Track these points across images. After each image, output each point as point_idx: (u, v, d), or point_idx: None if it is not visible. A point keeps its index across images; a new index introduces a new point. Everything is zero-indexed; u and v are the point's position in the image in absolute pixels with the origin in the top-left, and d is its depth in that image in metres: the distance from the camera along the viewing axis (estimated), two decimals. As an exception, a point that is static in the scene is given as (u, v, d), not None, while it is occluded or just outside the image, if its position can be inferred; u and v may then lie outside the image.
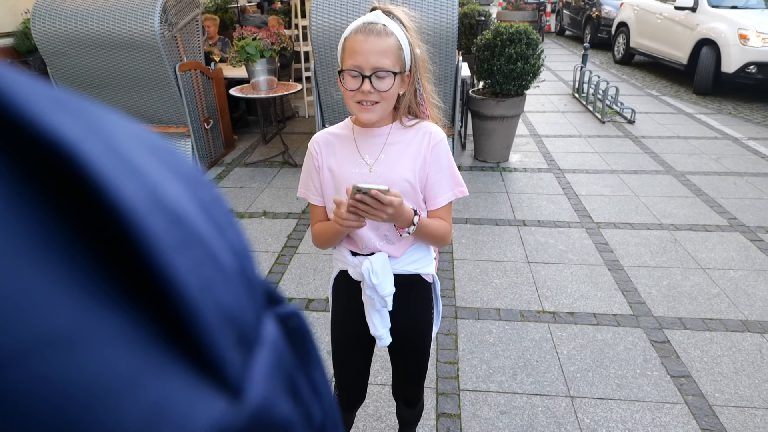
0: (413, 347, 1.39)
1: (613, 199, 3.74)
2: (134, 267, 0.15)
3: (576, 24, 12.27)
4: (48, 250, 0.13)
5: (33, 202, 0.13)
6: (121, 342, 0.14)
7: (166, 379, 0.15)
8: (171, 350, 0.15)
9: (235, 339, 0.18)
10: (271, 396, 0.19)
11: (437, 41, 3.41)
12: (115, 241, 0.14)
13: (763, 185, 3.93)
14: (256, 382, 0.18)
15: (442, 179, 1.23)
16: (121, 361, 0.14)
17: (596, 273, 2.82)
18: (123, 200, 0.14)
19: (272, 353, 0.20)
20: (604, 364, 2.16)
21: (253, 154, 4.83)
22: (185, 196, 0.18)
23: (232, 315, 0.18)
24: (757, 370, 2.12)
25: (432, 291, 1.37)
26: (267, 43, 4.10)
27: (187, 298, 0.15)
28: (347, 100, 1.15)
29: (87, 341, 0.13)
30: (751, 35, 6.06)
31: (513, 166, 4.44)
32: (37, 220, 0.13)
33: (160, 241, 0.15)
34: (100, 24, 3.70)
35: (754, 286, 2.67)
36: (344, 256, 1.30)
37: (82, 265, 0.14)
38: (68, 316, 0.13)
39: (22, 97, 0.13)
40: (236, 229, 0.20)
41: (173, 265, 0.15)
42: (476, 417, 1.92)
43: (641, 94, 6.97)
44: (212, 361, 0.16)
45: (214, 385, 0.16)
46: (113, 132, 0.16)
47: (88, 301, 0.13)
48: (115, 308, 0.14)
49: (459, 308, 2.54)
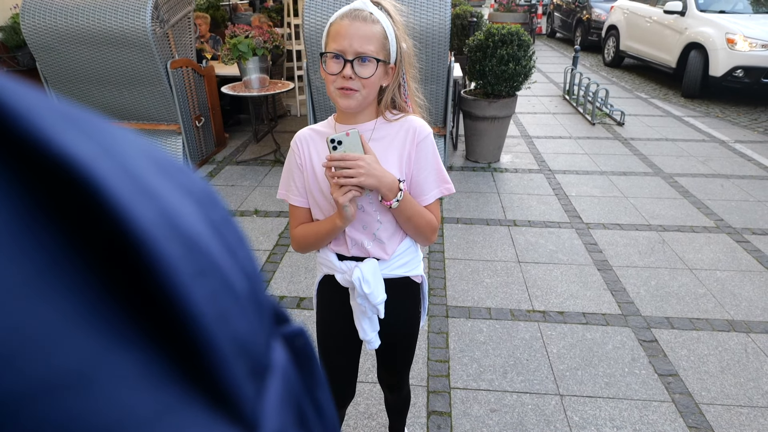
0: (401, 345, 1.40)
1: (603, 200, 3.78)
2: (150, 297, 0.14)
3: (567, 26, 12.37)
4: (61, 280, 0.12)
5: (44, 228, 0.12)
6: (138, 380, 0.13)
7: (184, 417, 0.14)
8: (187, 386, 0.15)
9: (249, 370, 0.17)
10: (284, 427, 0.19)
11: (430, 41, 3.42)
12: (130, 270, 0.14)
13: (749, 187, 3.99)
14: (270, 414, 0.18)
15: (428, 176, 1.20)
16: (139, 399, 0.13)
17: (585, 273, 2.85)
18: (139, 225, 0.13)
19: (282, 381, 0.20)
20: (593, 362, 2.19)
21: (245, 153, 4.82)
22: (198, 219, 0.17)
23: (246, 345, 0.17)
24: (742, 368, 2.15)
25: (420, 290, 1.36)
26: (259, 41, 4.09)
27: (204, 330, 0.15)
28: (328, 86, 1.12)
29: (103, 380, 0.12)
30: (738, 40, 6.14)
31: (504, 166, 4.47)
32: (49, 248, 0.12)
33: (178, 270, 0.14)
34: (90, 19, 3.67)
35: (740, 287, 2.72)
36: (330, 261, 1.26)
37: (96, 297, 0.13)
38: (84, 353, 0.12)
39: (31, 114, 0.12)
40: (247, 249, 0.20)
41: (191, 296, 0.14)
42: (467, 415, 1.93)
43: (630, 97, 7.04)
44: (229, 396, 0.16)
45: (229, 421, 0.16)
46: (126, 151, 0.15)
47: (103, 336, 0.13)
48: (131, 343, 0.13)
49: (450, 307, 2.56)
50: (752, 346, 2.28)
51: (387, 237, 1.23)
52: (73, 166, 0.12)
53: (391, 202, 1.11)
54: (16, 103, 0.12)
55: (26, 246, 0.12)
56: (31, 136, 0.12)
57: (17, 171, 0.12)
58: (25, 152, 0.12)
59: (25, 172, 0.12)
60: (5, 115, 0.12)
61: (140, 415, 0.13)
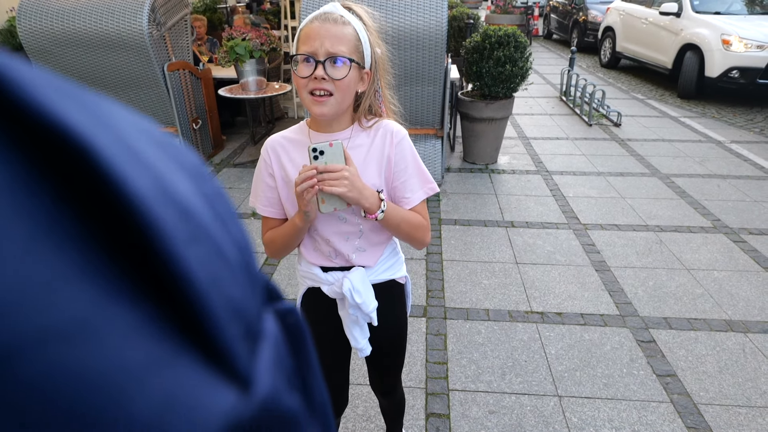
0: (392, 348, 1.40)
1: (600, 200, 3.79)
2: (145, 260, 0.14)
3: (563, 28, 12.40)
4: (59, 239, 0.13)
5: (43, 192, 0.13)
6: (135, 333, 0.14)
7: (179, 370, 0.15)
8: (183, 343, 0.15)
9: (242, 332, 0.18)
10: (278, 388, 0.19)
11: (426, 43, 3.43)
12: (126, 234, 0.14)
13: (745, 187, 4.00)
14: (263, 374, 0.18)
15: (410, 178, 1.17)
16: (135, 350, 0.13)
17: (583, 274, 2.85)
18: (135, 192, 0.14)
19: (274, 348, 0.20)
20: (592, 363, 2.19)
21: (242, 155, 4.81)
22: (191, 190, 0.18)
23: (239, 309, 0.18)
24: (740, 368, 2.16)
25: (404, 290, 1.36)
26: (256, 44, 4.09)
27: (198, 291, 0.15)
28: (300, 91, 1.07)
29: (100, 331, 0.13)
30: (733, 41, 6.17)
31: (501, 167, 4.47)
32: (48, 210, 0.13)
33: (172, 235, 0.15)
34: (87, 22, 3.66)
35: (737, 287, 2.72)
36: (314, 274, 1.24)
37: (93, 257, 0.14)
38: (80, 304, 0.13)
39: (31, 87, 0.13)
40: (238, 223, 0.20)
41: (184, 259, 0.15)
42: (465, 417, 1.93)
43: (627, 98, 7.06)
44: (223, 354, 0.16)
45: (224, 378, 0.16)
46: (121, 124, 0.16)
47: (100, 291, 0.13)
48: (128, 300, 0.14)
49: (448, 309, 2.55)
50: (750, 346, 2.28)
51: (370, 246, 1.22)
52: (69, 133, 0.13)
53: (375, 215, 1.09)
54: (15, 74, 0.13)
55: (25, 207, 0.12)
56: (29, 104, 0.13)
57: (15, 138, 0.13)
58: (23, 120, 0.13)
59: (23, 139, 0.13)
60: (3, 85, 0.12)
61: (136, 364, 0.13)
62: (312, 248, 1.23)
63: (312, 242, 1.23)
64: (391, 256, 1.28)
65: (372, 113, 1.18)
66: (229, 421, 0.16)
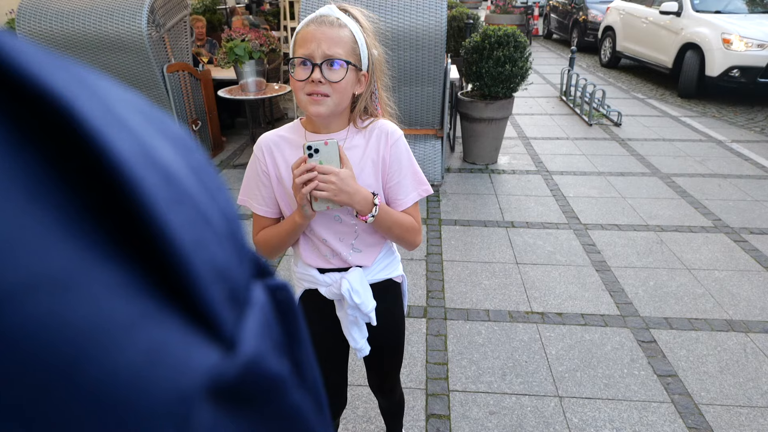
0: (390, 347, 1.40)
1: (600, 200, 3.78)
2: (127, 220, 0.15)
3: (563, 28, 12.39)
4: (42, 197, 0.13)
5: (26, 151, 0.13)
6: (118, 288, 0.14)
7: (162, 327, 0.15)
8: (166, 302, 0.15)
9: (227, 296, 0.18)
10: (263, 351, 0.19)
11: (426, 44, 3.42)
12: (109, 195, 0.14)
13: (746, 187, 3.99)
14: (248, 337, 0.18)
15: (404, 179, 1.17)
16: (118, 305, 0.14)
17: (584, 274, 2.84)
18: (117, 153, 0.14)
19: (261, 315, 0.20)
20: (592, 364, 2.18)
21: (242, 156, 4.81)
22: (176, 159, 0.18)
23: (224, 273, 0.18)
24: (741, 369, 2.15)
25: (401, 289, 1.36)
26: (256, 45, 4.08)
27: (180, 251, 0.15)
28: (296, 93, 1.06)
29: (82, 285, 0.13)
30: (734, 40, 6.16)
31: (501, 168, 4.47)
32: (30, 169, 0.13)
33: (154, 195, 0.15)
34: (86, 24, 3.66)
35: (738, 286, 2.71)
36: (312, 276, 1.23)
37: (76, 215, 0.14)
38: (63, 260, 0.13)
39: (15, 52, 0.13)
40: (226, 194, 0.20)
41: (167, 219, 0.15)
42: (465, 417, 1.92)
43: (627, 98, 7.05)
44: (206, 314, 0.17)
45: (207, 337, 0.17)
46: (106, 92, 0.16)
47: (82, 247, 0.13)
48: (111, 257, 0.14)
49: (448, 309, 2.55)
50: (751, 346, 2.27)
51: (366, 246, 1.21)
52: (52, 95, 0.13)
53: (366, 217, 1.09)
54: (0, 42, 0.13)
55: (10, 166, 0.13)
56: (14, 69, 0.13)
57: (1, 101, 0.13)
58: (7, 82, 0.13)
59: (7, 103, 0.13)
60: None
61: (118, 319, 0.13)
62: (309, 249, 1.23)
63: (309, 243, 1.22)
64: (387, 255, 1.28)
65: (368, 113, 1.17)
66: (211, 379, 0.16)
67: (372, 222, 1.11)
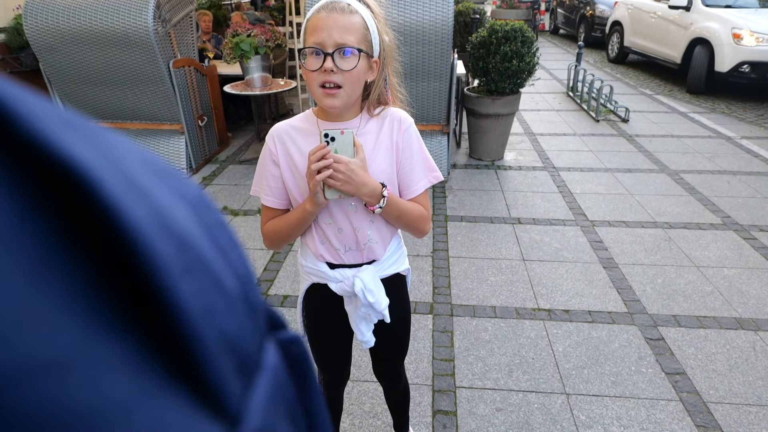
0: (397, 338, 1.40)
1: (608, 197, 3.76)
2: (135, 290, 0.15)
3: (570, 23, 12.30)
4: (51, 270, 0.13)
5: (40, 222, 0.13)
6: (119, 367, 0.14)
7: (164, 406, 0.15)
8: (171, 377, 0.15)
9: (236, 366, 0.18)
10: (270, 424, 0.19)
11: (432, 39, 3.40)
12: (119, 265, 0.14)
13: (756, 184, 3.95)
14: (255, 410, 0.18)
15: (415, 166, 1.17)
16: (118, 386, 0.14)
17: (591, 271, 2.82)
18: (131, 223, 0.14)
19: (273, 380, 0.20)
20: (599, 361, 2.17)
21: (248, 152, 4.81)
22: (191, 220, 0.18)
23: (234, 342, 0.18)
24: (750, 367, 2.13)
25: (406, 281, 1.37)
26: (261, 40, 4.07)
27: (189, 323, 0.15)
28: (310, 84, 1.05)
29: (83, 365, 0.13)
30: (744, 35, 6.09)
31: (508, 164, 4.44)
32: (40, 240, 0.13)
33: (166, 265, 0.15)
34: (93, 20, 3.67)
35: (747, 284, 2.69)
36: (322, 271, 1.23)
37: (83, 288, 0.14)
38: (66, 339, 0.13)
39: (32, 117, 0.13)
40: (240, 252, 0.20)
41: (178, 290, 0.15)
42: (472, 414, 1.91)
43: (635, 93, 6.99)
44: (212, 388, 0.16)
45: (211, 413, 0.16)
46: (122, 155, 0.16)
47: (87, 323, 0.13)
48: (115, 333, 0.14)
49: (455, 306, 2.54)
50: (760, 344, 2.25)
51: (380, 237, 1.21)
52: (71, 165, 0.13)
53: (374, 208, 1.10)
54: (18, 106, 0.13)
55: (17, 237, 0.12)
56: (32, 137, 0.13)
57: (17, 169, 0.13)
58: (24, 150, 0.13)
59: (25, 171, 0.13)
60: (6, 117, 0.13)
61: (118, 399, 0.13)
62: (319, 241, 1.22)
63: (321, 236, 1.21)
64: (396, 249, 1.29)
65: (379, 102, 1.17)
66: None
67: (380, 212, 1.12)
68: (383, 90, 1.15)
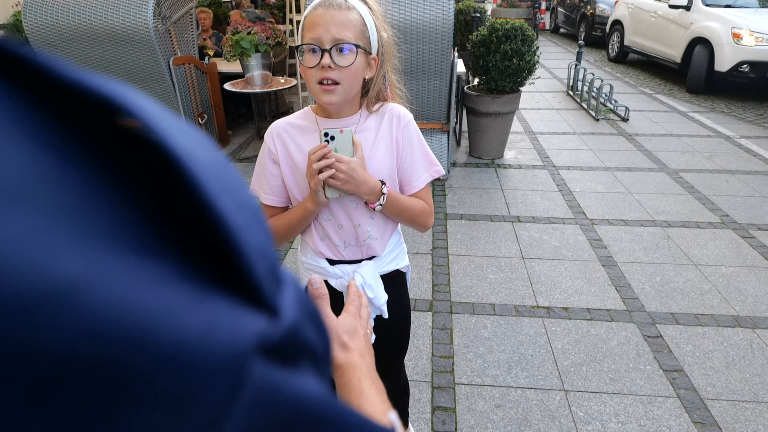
0: (397, 334, 1.41)
1: (607, 196, 3.77)
2: (176, 215, 0.17)
3: (570, 22, 12.30)
4: (101, 207, 0.15)
5: (87, 158, 0.16)
6: (171, 278, 0.16)
7: (214, 306, 0.17)
8: (218, 280, 0.18)
9: (268, 272, 0.20)
10: (300, 320, 0.22)
11: (433, 37, 3.41)
12: (165, 189, 0.17)
13: (754, 183, 3.97)
14: (288, 307, 0.21)
15: (416, 161, 1.17)
16: (178, 290, 0.16)
17: (590, 269, 2.83)
18: (176, 150, 0.17)
19: (295, 288, 0.23)
20: (598, 358, 2.18)
21: (248, 149, 4.81)
22: (213, 155, 0.20)
23: (264, 251, 0.20)
24: (747, 364, 2.14)
25: (406, 278, 1.37)
26: (261, 38, 4.08)
27: (233, 231, 0.18)
28: (308, 81, 1.05)
29: (132, 279, 0.15)
30: (744, 34, 6.10)
31: (508, 162, 4.45)
32: (104, 186, 0.16)
33: (207, 184, 0.17)
34: (92, 17, 3.67)
35: (745, 282, 2.70)
36: (322, 268, 1.23)
37: (131, 216, 0.16)
38: (116, 257, 0.15)
39: (160, 125, 0.17)
40: (248, 189, 0.23)
41: (220, 204, 0.17)
42: (471, 410, 1.92)
43: (635, 92, 7.00)
44: (254, 287, 0.19)
45: (255, 307, 0.19)
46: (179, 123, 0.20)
47: (141, 246, 0.16)
48: (164, 251, 0.17)
49: (454, 303, 2.55)
50: (758, 342, 2.27)
51: (380, 233, 1.22)
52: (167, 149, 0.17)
53: (374, 205, 1.11)
54: (151, 117, 0.17)
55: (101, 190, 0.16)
56: (152, 134, 0.17)
57: (139, 157, 0.17)
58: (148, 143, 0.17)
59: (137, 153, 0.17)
60: (139, 121, 0.17)
61: (179, 299, 0.16)
62: (319, 238, 1.22)
63: (321, 233, 1.22)
64: (396, 245, 1.29)
65: (378, 98, 1.17)
66: (261, 341, 0.19)
67: (380, 209, 1.13)
68: (382, 87, 1.15)
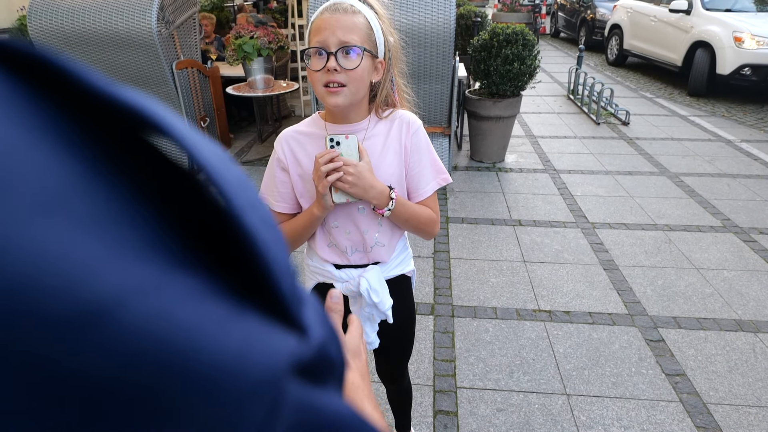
0: (402, 339, 1.41)
1: (608, 199, 3.77)
2: (206, 231, 0.17)
3: (571, 26, 12.33)
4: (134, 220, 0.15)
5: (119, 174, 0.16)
6: (207, 293, 0.16)
7: (246, 325, 0.17)
8: (248, 299, 0.18)
9: (292, 288, 0.20)
10: (326, 338, 0.22)
11: (434, 41, 3.42)
12: (194, 208, 0.17)
13: (755, 187, 3.97)
14: (314, 325, 0.21)
15: (423, 168, 1.17)
16: (211, 306, 0.16)
17: (591, 272, 2.84)
18: (206, 163, 0.17)
19: (315, 304, 0.23)
20: (600, 362, 2.18)
21: (250, 153, 4.83)
22: (232, 169, 0.20)
23: (287, 267, 0.20)
24: (750, 368, 2.14)
25: (411, 282, 1.37)
26: (264, 42, 4.10)
27: (262, 246, 0.17)
28: (314, 85, 1.06)
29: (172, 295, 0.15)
30: (745, 38, 6.11)
31: (509, 166, 4.46)
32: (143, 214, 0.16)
33: (238, 199, 0.17)
34: (96, 21, 3.69)
35: (747, 286, 2.70)
36: (328, 272, 1.23)
37: (162, 232, 0.16)
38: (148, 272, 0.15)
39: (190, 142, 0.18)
40: (267, 206, 0.23)
41: (249, 220, 0.17)
42: (473, 414, 1.92)
43: (635, 96, 7.01)
44: (282, 305, 0.19)
45: (285, 326, 0.19)
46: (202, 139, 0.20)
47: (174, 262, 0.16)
48: (196, 268, 0.17)
49: (456, 307, 2.55)
50: (760, 346, 2.27)
51: (387, 240, 1.22)
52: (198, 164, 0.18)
53: (383, 211, 1.11)
54: (192, 144, 0.17)
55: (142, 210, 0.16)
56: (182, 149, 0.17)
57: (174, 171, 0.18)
58: None
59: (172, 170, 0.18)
60: (179, 145, 0.17)
61: (213, 317, 0.16)
62: (326, 244, 1.22)
63: (327, 238, 1.22)
64: (402, 251, 1.29)
65: (387, 103, 1.17)
66: (293, 361, 0.18)
67: (389, 215, 1.12)
68: (390, 91, 1.16)
